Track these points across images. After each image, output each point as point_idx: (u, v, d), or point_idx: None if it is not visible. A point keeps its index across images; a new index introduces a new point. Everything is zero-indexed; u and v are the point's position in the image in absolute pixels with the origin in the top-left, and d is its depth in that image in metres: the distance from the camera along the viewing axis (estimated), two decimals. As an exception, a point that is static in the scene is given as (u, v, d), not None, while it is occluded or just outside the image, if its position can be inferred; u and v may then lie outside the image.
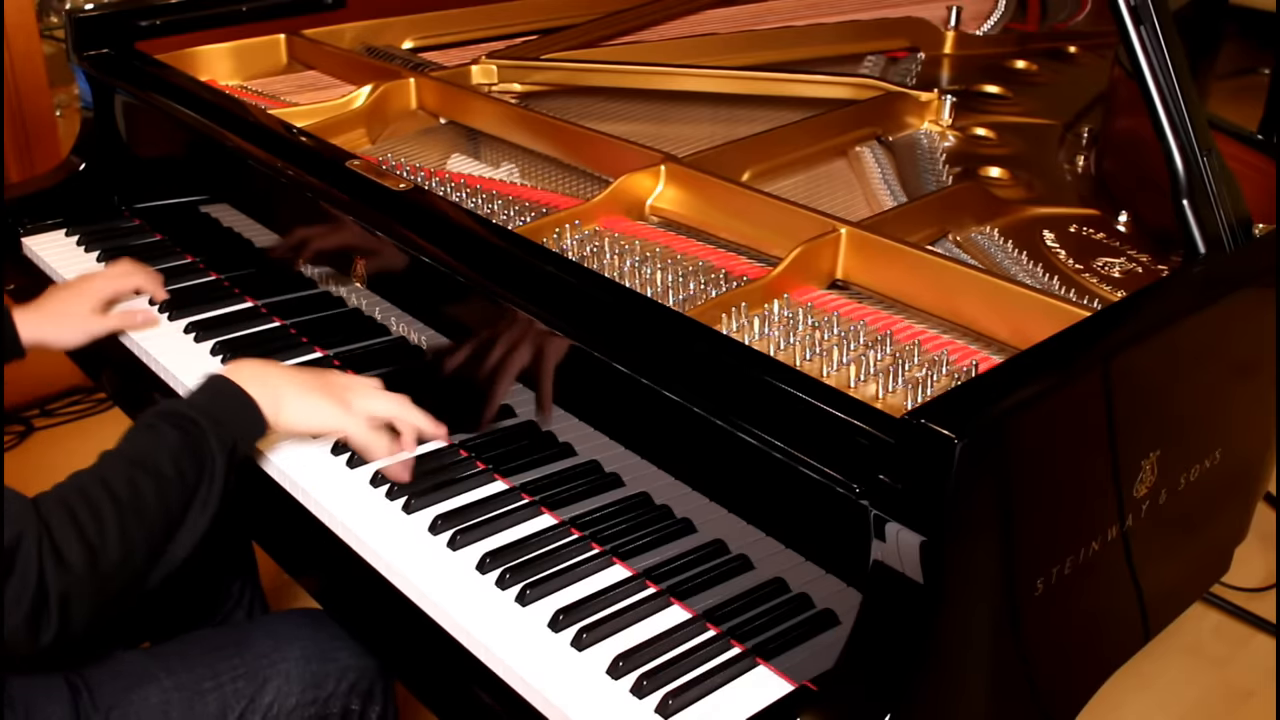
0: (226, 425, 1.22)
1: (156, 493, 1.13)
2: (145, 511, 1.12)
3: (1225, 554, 1.48)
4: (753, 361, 1.10)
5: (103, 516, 1.09)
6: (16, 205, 1.91)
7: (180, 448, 1.17)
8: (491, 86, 1.94)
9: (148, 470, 1.14)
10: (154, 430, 1.18)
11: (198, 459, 1.18)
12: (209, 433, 1.19)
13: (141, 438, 1.18)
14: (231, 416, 1.23)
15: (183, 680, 1.24)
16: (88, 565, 1.07)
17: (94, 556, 1.08)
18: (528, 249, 1.33)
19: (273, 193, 1.64)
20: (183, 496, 1.16)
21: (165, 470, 1.15)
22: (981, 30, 2.25)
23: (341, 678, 1.30)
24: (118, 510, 1.10)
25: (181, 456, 1.16)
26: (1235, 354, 1.31)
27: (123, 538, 1.10)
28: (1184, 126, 1.27)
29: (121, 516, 1.10)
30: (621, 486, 1.24)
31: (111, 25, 1.94)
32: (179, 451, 1.17)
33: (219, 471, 1.19)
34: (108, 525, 1.09)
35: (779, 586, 1.12)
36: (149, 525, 1.13)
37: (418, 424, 1.32)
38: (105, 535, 1.09)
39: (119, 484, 1.12)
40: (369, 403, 1.32)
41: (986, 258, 1.43)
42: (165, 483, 1.14)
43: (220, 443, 1.20)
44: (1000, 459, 0.98)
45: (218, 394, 1.25)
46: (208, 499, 1.18)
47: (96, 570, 1.08)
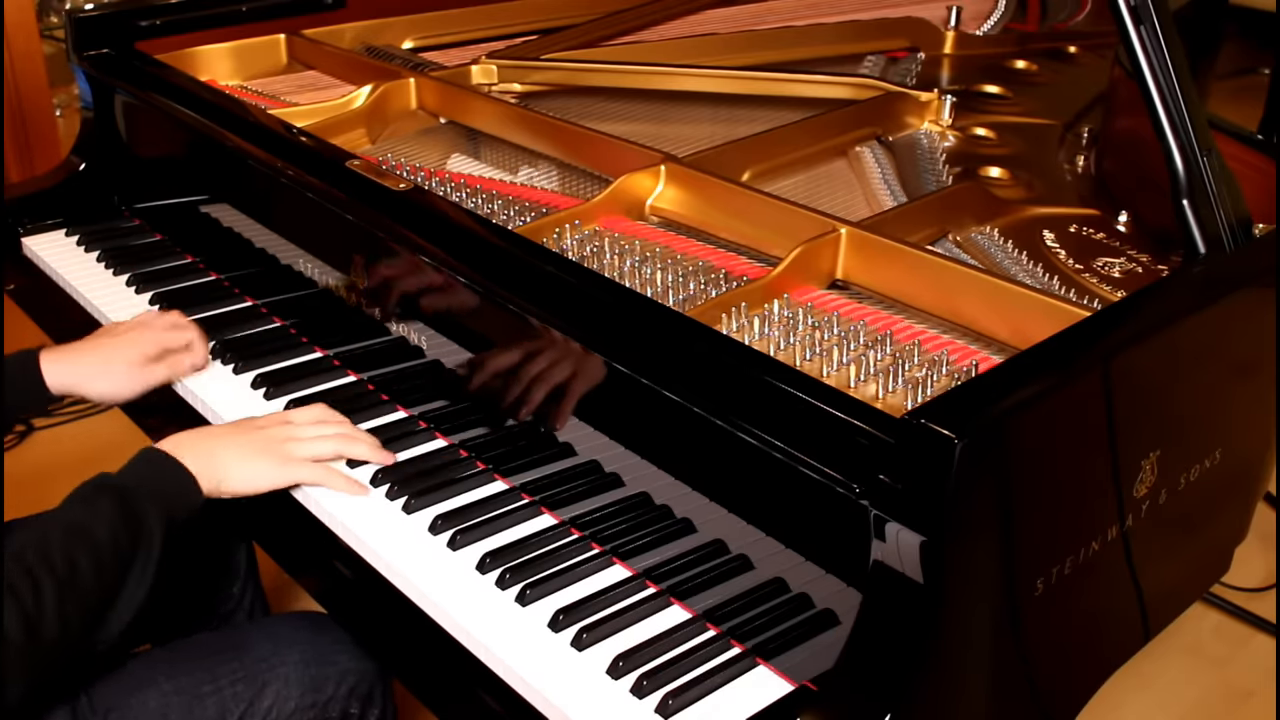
0: (163, 496, 1.19)
1: (94, 567, 1.11)
2: (82, 585, 1.10)
3: (1225, 554, 1.48)
4: (753, 361, 1.10)
5: (41, 590, 1.07)
6: (16, 205, 1.91)
7: (116, 519, 1.15)
8: (491, 86, 1.94)
9: (85, 543, 1.12)
10: (89, 502, 1.16)
11: (133, 530, 1.15)
12: (145, 504, 1.17)
13: (77, 510, 1.16)
14: (168, 486, 1.21)
15: (182, 684, 1.24)
16: (25, 639, 1.05)
17: (31, 631, 1.05)
18: (528, 249, 1.33)
19: (273, 193, 1.64)
20: (119, 566, 1.14)
21: (103, 544, 1.13)
22: (981, 30, 2.25)
23: (341, 681, 1.30)
24: (56, 585, 1.08)
25: (118, 528, 1.14)
26: (1235, 354, 1.31)
27: (59, 612, 1.08)
28: (1184, 126, 1.27)
29: (59, 591, 1.08)
30: (621, 486, 1.24)
31: (111, 25, 1.94)
32: (115, 523, 1.14)
33: (156, 543, 1.16)
34: (45, 599, 1.07)
35: (779, 586, 1.12)
36: (85, 598, 1.11)
37: (364, 455, 1.33)
38: (43, 609, 1.06)
39: (57, 557, 1.09)
40: (310, 448, 1.31)
41: (986, 258, 1.43)
42: (102, 554, 1.12)
43: (157, 513, 1.17)
44: (1000, 459, 0.98)
45: (152, 466, 1.23)
46: (145, 570, 1.15)
47: (33, 644, 1.05)
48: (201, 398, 1.50)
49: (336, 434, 1.34)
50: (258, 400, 1.47)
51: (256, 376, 1.51)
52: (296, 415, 1.36)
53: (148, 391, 1.49)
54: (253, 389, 1.49)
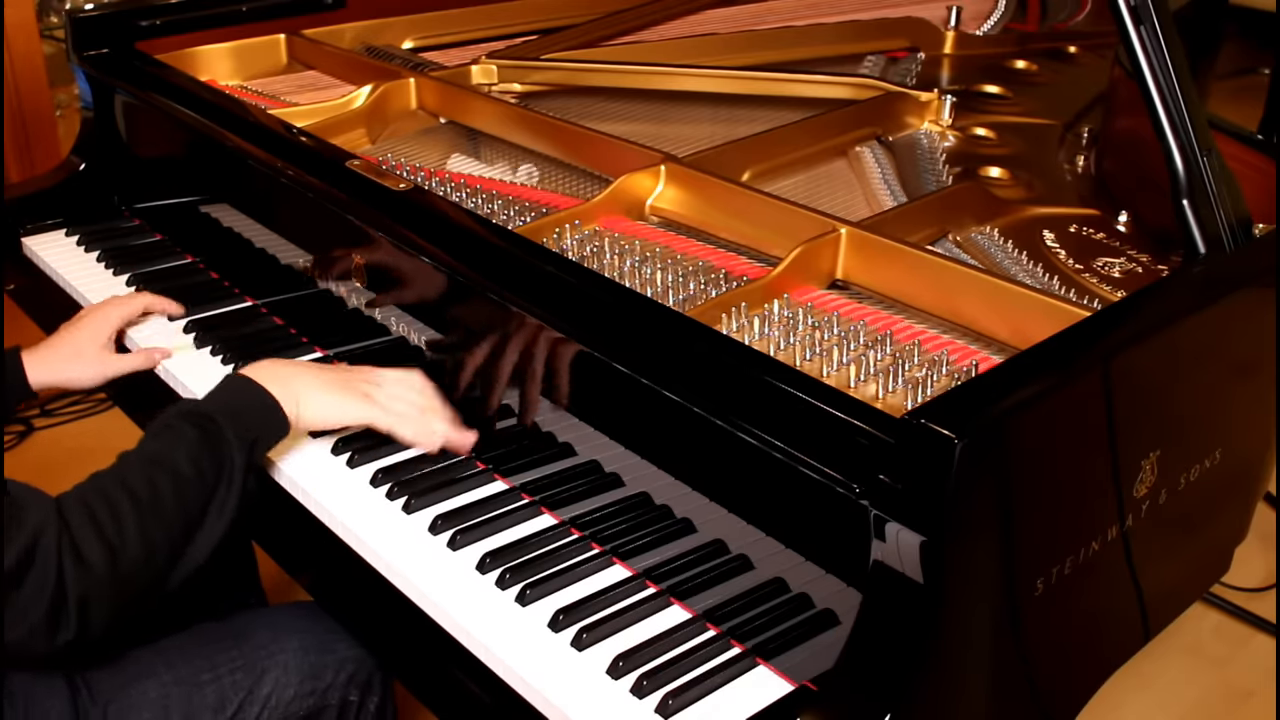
0: (246, 424, 1.21)
1: (175, 492, 1.13)
2: (164, 511, 1.12)
3: (1225, 554, 1.48)
4: (753, 361, 1.10)
5: (122, 517, 1.09)
6: (16, 205, 1.91)
7: (199, 446, 1.16)
8: (491, 86, 1.94)
9: (166, 470, 1.14)
10: (173, 430, 1.18)
11: (216, 458, 1.17)
12: (228, 431, 1.19)
13: (161, 437, 1.18)
14: (251, 415, 1.23)
15: (181, 673, 1.24)
16: (108, 566, 1.07)
17: (114, 557, 1.07)
18: (528, 249, 1.33)
19: (273, 193, 1.64)
20: (202, 495, 1.15)
21: (184, 469, 1.14)
22: (981, 30, 2.25)
23: (340, 669, 1.31)
24: (137, 510, 1.10)
25: (200, 455, 1.16)
26: (1235, 354, 1.31)
27: (142, 538, 1.09)
28: (1184, 126, 1.27)
29: (141, 517, 1.10)
30: (621, 486, 1.24)
31: (111, 25, 1.94)
32: (198, 450, 1.16)
33: (238, 470, 1.18)
34: (127, 525, 1.09)
35: (779, 586, 1.12)
36: (168, 525, 1.12)
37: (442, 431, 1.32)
38: (125, 535, 1.08)
39: (138, 484, 1.11)
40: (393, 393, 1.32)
41: (986, 258, 1.43)
42: (184, 482, 1.14)
43: (240, 441, 1.19)
44: (1000, 459, 0.98)
45: (237, 393, 1.25)
46: (226, 499, 1.17)
47: (116, 571, 1.07)
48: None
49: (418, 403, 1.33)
50: (258, 400, 1.47)
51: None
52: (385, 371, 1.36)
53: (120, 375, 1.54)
54: (253, 389, 1.49)
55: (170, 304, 1.63)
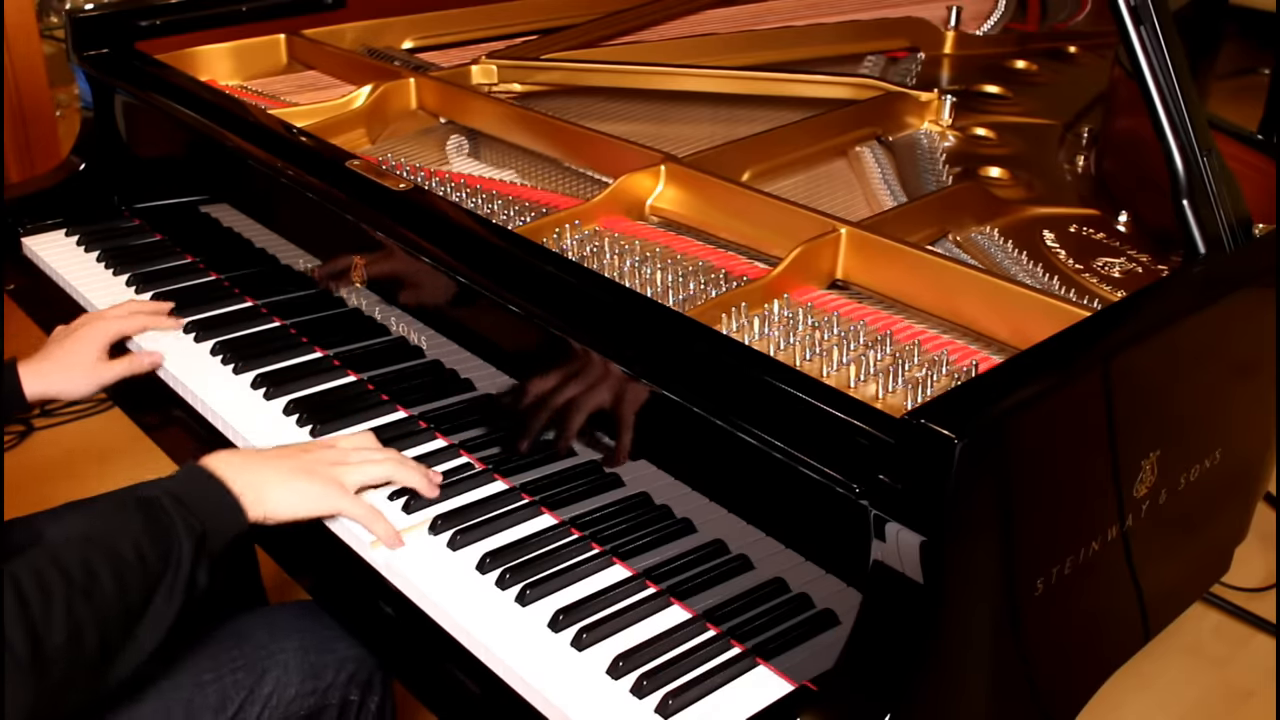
0: (198, 514, 1.14)
1: (113, 575, 1.05)
2: (98, 595, 1.04)
3: (1225, 554, 1.48)
4: (753, 361, 1.10)
5: (51, 597, 1.01)
6: (16, 205, 1.91)
7: (142, 531, 1.09)
8: (491, 86, 1.94)
9: (105, 552, 1.06)
10: (119, 513, 1.11)
11: (163, 546, 1.10)
12: (176, 519, 1.12)
13: (104, 519, 1.11)
14: (204, 505, 1.16)
15: (182, 673, 1.24)
16: (28, 648, 0.98)
17: (36, 639, 0.99)
18: (528, 249, 1.33)
19: (273, 193, 1.64)
20: (144, 583, 1.08)
21: (125, 554, 1.07)
22: (981, 30, 2.25)
23: (340, 668, 1.30)
24: (68, 591, 1.02)
25: (143, 541, 1.09)
26: (1235, 354, 1.31)
27: (69, 621, 1.01)
28: (1184, 126, 1.27)
29: (71, 599, 1.02)
30: (621, 486, 1.24)
31: (111, 25, 1.94)
32: (141, 535, 1.09)
33: (185, 560, 1.11)
34: (55, 607, 1.01)
35: (779, 586, 1.12)
36: (102, 611, 1.04)
37: (414, 484, 1.28)
38: (51, 617, 1.00)
39: (73, 565, 1.04)
40: (359, 474, 1.27)
41: (986, 258, 1.43)
42: (124, 566, 1.06)
43: (188, 529, 1.12)
44: (1000, 459, 0.98)
45: (193, 482, 1.18)
46: (173, 589, 1.10)
47: (38, 655, 0.99)
48: (201, 398, 1.50)
49: (386, 458, 1.29)
50: (258, 400, 1.47)
51: (256, 376, 1.51)
52: (344, 440, 1.32)
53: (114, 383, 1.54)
54: (252, 389, 1.49)
55: (166, 320, 1.61)
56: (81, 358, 1.52)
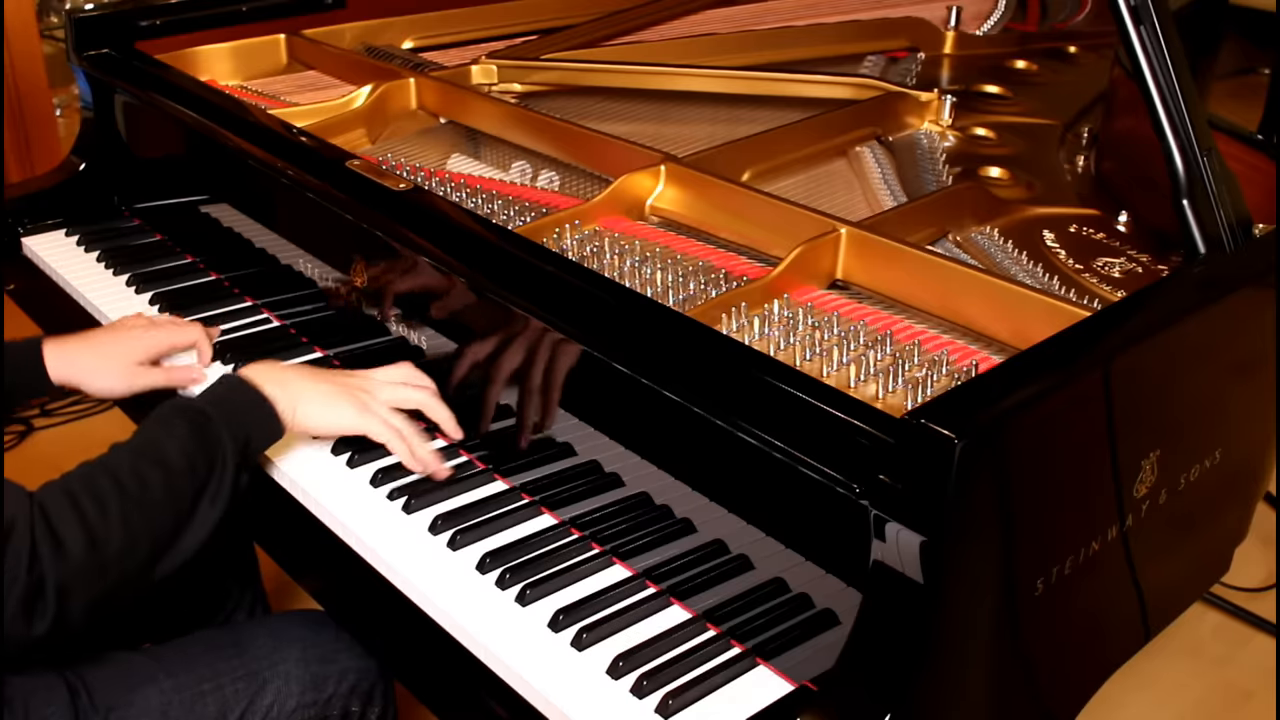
0: (240, 421, 1.21)
1: (164, 483, 1.12)
2: (151, 501, 1.11)
3: (1225, 554, 1.48)
4: (753, 361, 1.10)
5: (106, 504, 1.08)
6: (16, 205, 1.91)
7: (190, 439, 1.16)
8: (491, 86, 1.94)
9: (155, 460, 1.13)
10: (164, 423, 1.17)
11: (208, 451, 1.16)
12: (220, 425, 1.18)
13: (151, 430, 1.17)
14: (245, 412, 1.22)
15: (182, 681, 1.24)
16: (87, 552, 1.05)
17: (94, 544, 1.06)
18: (528, 249, 1.33)
19: (273, 193, 1.64)
20: (191, 487, 1.14)
21: (173, 461, 1.14)
22: (981, 30, 2.25)
23: (341, 679, 1.30)
24: (122, 498, 1.09)
25: (191, 448, 1.15)
26: (1235, 354, 1.31)
27: (125, 526, 1.08)
28: (1184, 126, 1.27)
29: (125, 504, 1.09)
30: (621, 486, 1.24)
31: (111, 25, 1.94)
32: (188, 443, 1.15)
33: (229, 465, 1.17)
34: (110, 513, 1.08)
35: (779, 586, 1.12)
36: (154, 515, 1.11)
37: (442, 419, 1.33)
38: (108, 523, 1.07)
39: (124, 473, 1.11)
40: (390, 395, 1.31)
41: (986, 258, 1.43)
42: (173, 473, 1.13)
43: (232, 436, 1.18)
44: (1000, 459, 0.98)
45: (232, 390, 1.24)
46: (218, 492, 1.16)
47: (96, 558, 1.06)
48: (201, 398, 1.49)
49: (424, 388, 1.33)
50: (258, 400, 1.47)
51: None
52: (380, 373, 1.35)
53: (144, 391, 1.48)
54: (253, 389, 1.49)
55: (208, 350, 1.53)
56: (125, 356, 1.45)
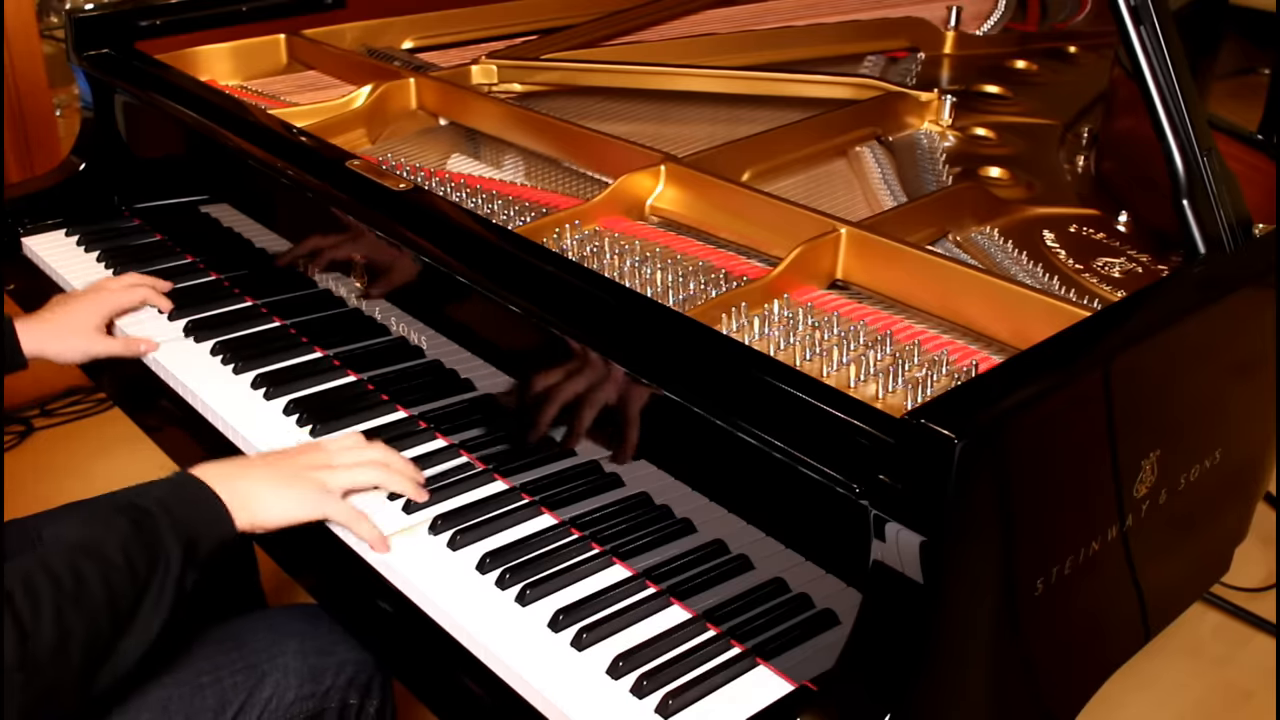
0: (185, 519, 1.15)
1: (101, 580, 1.06)
2: (87, 599, 1.04)
3: (1225, 554, 1.48)
4: (753, 361, 1.10)
5: (39, 600, 1.01)
6: (16, 205, 1.91)
7: (131, 537, 1.10)
8: (491, 86, 1.94)
9: (93, 557, 1.07)
10: (105, 521, 1.12)
11: (150, 550, 1.10)
12: (164, 525, 1.12)
13: (92, 527, 1.11)
14: (191, 511, 1.17)
15: (181, 675, 1.24)
16: (17, 650, 0.99)
17: (24, 642, 1.00)
18: (528, 249, 1.33)
19: (273, 193, 1.64)
20: (132, 588, 1.08)
21: (112, 557, 1.07)
22: (981, 30, 2.25)
23: (340, 671, 1.30)
24: (57, 594, 1.02)
25: (132, 546, 1.09)
26: (1235, 354, 1.31)
27: (58, 623, 1.02)
28: (1184, 126, 1.27)
29: (60, 601, 1.02)
30: (621, 486, 1.24)
31: (111, 25, 1.94)
32: (129, 541, 1.09)
33: (173, 566, 1.11)
34: (43, 610, 1.01)
35: (779, 586, 1.12)
36: (91, 615, 1.05)
37: (402, 488, 1.28)
38: (40, 620, 1.01)
39: (61, 569, 1.04)
40: (346, 478, 1.27)
41: (986, 258, 1.43)
42: (111, 569, 1.07)
43: (176, 536, 1.13)
44: (1000, 459, 0.98)
45: (179, 489, 1.19)
46: (161, 595, 1.10)
47: (27, 657, 0.99)
48: (201, 397, 1.50)
49: (374, 461, 1.29)
50: (258, 400, 1.47)
51: (256, 376, 1.51)
52: (331, 442, 1.32)
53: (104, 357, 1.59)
54: (252, 389, 1.49)
55: (163, 299, 1.67)
56: (80, 324, 1.57)
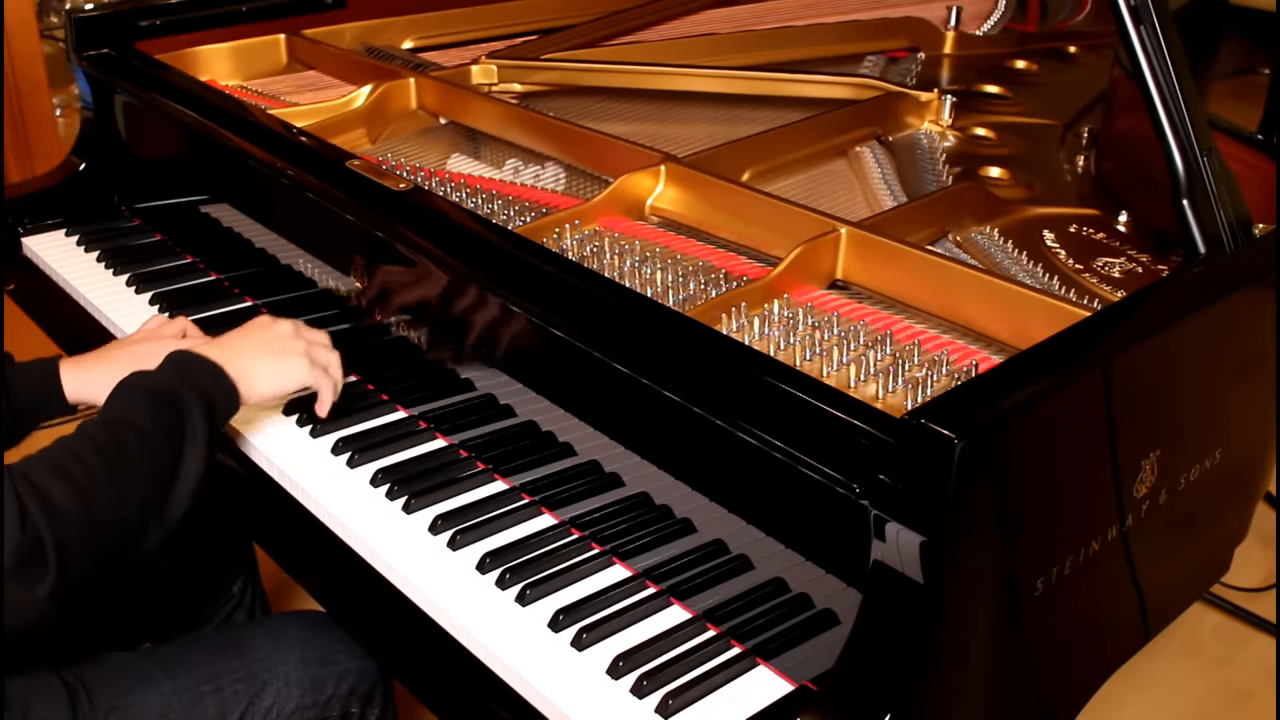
0: (197, 384, 1.21)
1: (141, 444, 1.13)
2: (131, 461, 1.12)
3: (1225, 554, 1.48)
4: (753, 361, 1.10)
5: (88, 464, 1.08)
6: (16, 205, 1.91)
7: (156, 402, 1.17)
8: (491, 86, 1.94)
9: (129, 425, 1.14)
10: (122, 396, 1.18)
11: (176, 411, 1.17)
12: (180, 389, 1.19)
13: (112, 405, 1.18)
14: (205, 380, 1.23)
15: (182, 682, 1.24)
16: (78, 508, 1.05)
17: (84, 500, 1.06)
18: (528, 249, 1.33)
19: (273, 193, 1.64)
20: (168, 447, 1.15)
21: (145, 424, 1.14)
22: (981, 30, 2.25)
23: (341, 681, 1.30)
24: (102, 459, 1.10)
25: (159, 409, 1.16)
26: (1235, 354, 1.31)
27: (113, 483, 1.09)
28: (1184, 126, 1.27)
29: (107, 465, 1.10)
30: (621, 486, 1.24)
31: (111, 25, 1.94)
32: (155, 405, 1.16)
33: (199, 422, 1.18)
34: (95, 472, 1.08)
35: (779, 586, 1.12)
36: (137, 473, 1.12)
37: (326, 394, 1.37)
38: (94, 481, 1.08)
39: (100, 439, 1.12)
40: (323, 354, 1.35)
41: (986, 258, 1.43)
42: (148, 435, 1.14)
43: (198, 399, 1.19)
44: (1000, 459, 0.98)
45: (185, 366, 1.24)
46: (195, 448, 1.17)
47: (88, 515, 1.06)
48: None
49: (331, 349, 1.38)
50: (258, 400, 1.47)
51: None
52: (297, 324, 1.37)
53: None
54: (253, 389, 1.49)
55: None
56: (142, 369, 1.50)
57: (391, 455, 1.36)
